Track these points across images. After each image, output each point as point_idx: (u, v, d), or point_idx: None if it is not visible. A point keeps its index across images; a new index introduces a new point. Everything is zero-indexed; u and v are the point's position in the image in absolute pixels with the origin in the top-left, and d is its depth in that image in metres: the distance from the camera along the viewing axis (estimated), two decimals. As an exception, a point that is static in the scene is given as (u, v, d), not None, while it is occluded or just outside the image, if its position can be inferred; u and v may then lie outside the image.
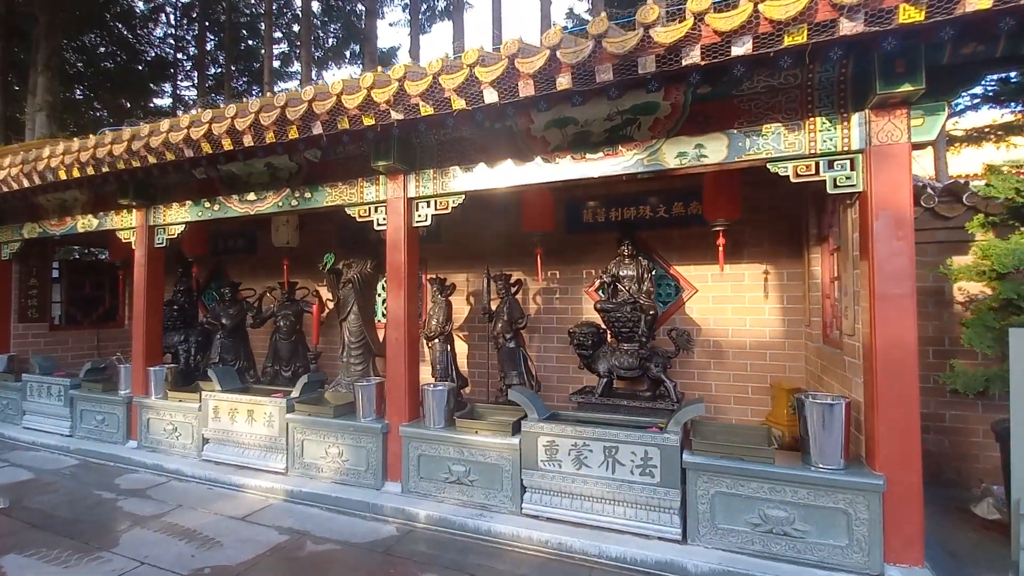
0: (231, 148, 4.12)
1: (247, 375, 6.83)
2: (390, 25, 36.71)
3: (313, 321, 6.26)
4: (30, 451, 5.70)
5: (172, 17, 14.14)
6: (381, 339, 6.02)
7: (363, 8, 14.15)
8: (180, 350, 7.13)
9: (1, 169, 5.26)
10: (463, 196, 4.07)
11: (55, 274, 7.64)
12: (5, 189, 5.38)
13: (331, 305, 6.76)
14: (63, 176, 4.81)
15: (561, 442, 3.52)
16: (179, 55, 14.64)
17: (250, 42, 14.39)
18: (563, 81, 3.00)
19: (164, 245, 5.53)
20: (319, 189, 4.58)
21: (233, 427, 4.79)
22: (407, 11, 16.10)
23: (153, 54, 14.33)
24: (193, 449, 5.01)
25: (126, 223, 5.68)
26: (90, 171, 4.77)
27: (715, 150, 3.35)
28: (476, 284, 6.34)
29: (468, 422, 3.90)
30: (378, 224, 4.36)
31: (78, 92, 12.97)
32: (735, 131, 3.33)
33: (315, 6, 13.99)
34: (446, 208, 4.13)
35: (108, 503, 4.25)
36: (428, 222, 4.21)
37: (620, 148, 3.59)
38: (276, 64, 14.49)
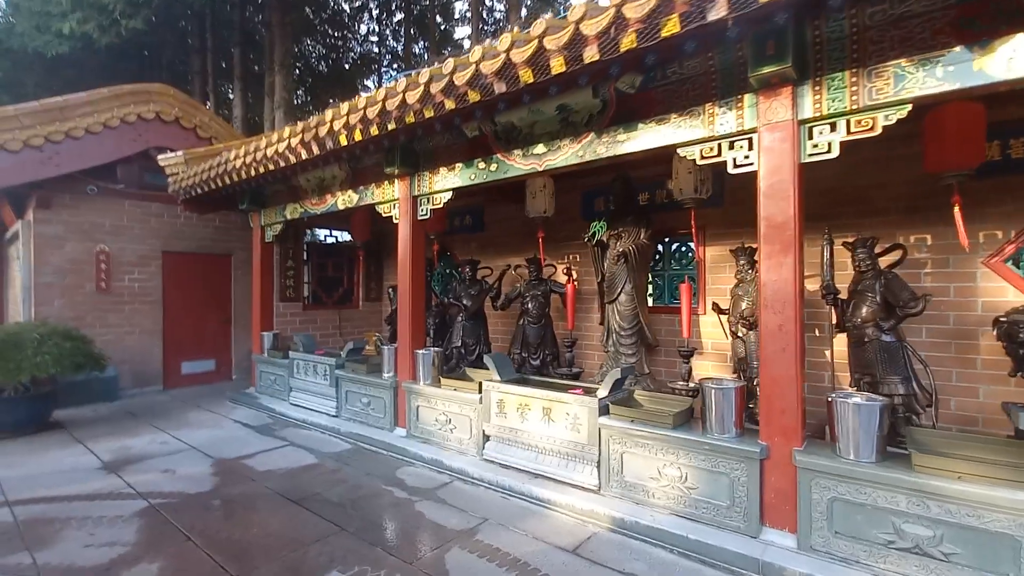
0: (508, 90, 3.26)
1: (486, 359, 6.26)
2: None
3: (568, 303, 5.33)
4: (302, 429, 5.69)
5: (374, 13, 14.91)
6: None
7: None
8: (418, 332, 6.83)
9: (271, 145, 5.16)
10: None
11: (304, 256, 7.93)
12: (273, 167, 5.31)
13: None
14: (343, 141, 4.43)
15: None
16: (381, 48, 15.42)
17: (442, 26, 14.61)
18: None
19: (427, 217, 5.00)
20: (637, 128, 3.49)
21: (523, 426, 4.01)
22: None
23: (359, 51, 15.27)
24: (471, 446, 4.38)
25: (387, 195, 5.29)
26: (357, 135, 4.31)
27: None
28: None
29: (930, 459, 2.49)
30: (736, 165, 3.12)
31: (298, 95, 14.27)
32: None
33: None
34: (870, 129, 2.72)
35: (405, 506, 3.71)
36: (832, 153, 2.84)
37: None
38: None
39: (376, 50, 15.27)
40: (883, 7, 2.60)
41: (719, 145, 3.17)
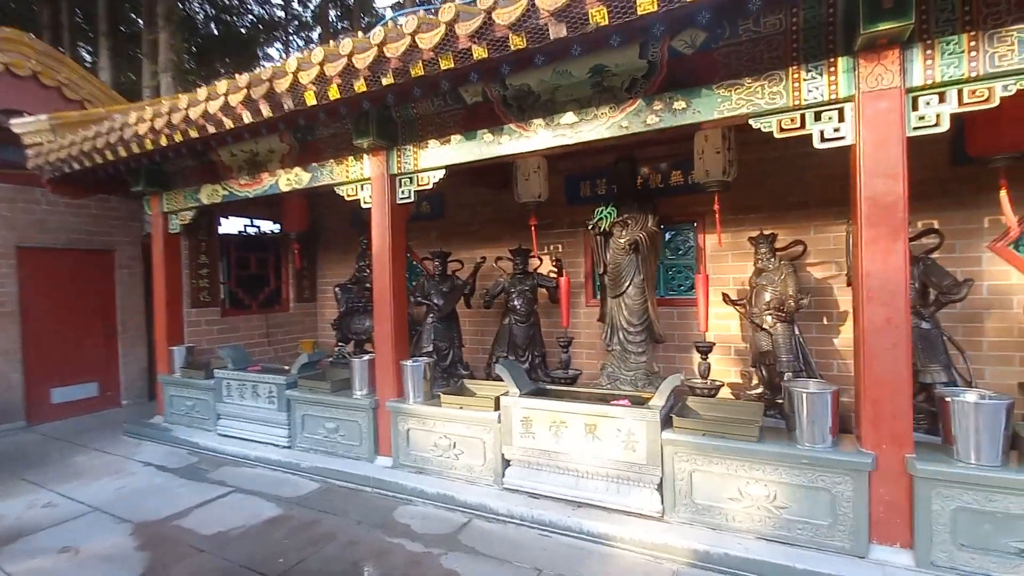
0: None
1: (459, 366, 5.53)
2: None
3: (562, 298, 4.79)
4: (243, 467, 4.55)
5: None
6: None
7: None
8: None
9: (195, 105, 3.95)
10: None
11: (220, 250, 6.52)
12: (197, 134, 4.08)
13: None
14: (310, 100, 3.42)
15: None
16: (286, 13, 13.47)
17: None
18: None
19: (411, 200, 4.14)
20: (701, 94, 3.00)
21: (558, 447, 3.39)
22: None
23: (258, 13, 13.25)
24: (487, 474, 3.67)
25: (353, 174, 4.31)
26: (333, 93, 3.35)
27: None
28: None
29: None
30: (823, 138, 2.75)
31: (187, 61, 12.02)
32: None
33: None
34: (985, 100, 2.47)
35: (428, 564, 2.93)
36: (942, 127, 2.55)
37: None
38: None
39: (280, 14, 13.37)
40: (1006, -37, 2.35)
41: (803, 116, 2.79)
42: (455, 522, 3.41)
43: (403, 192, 4.14)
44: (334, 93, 3.33)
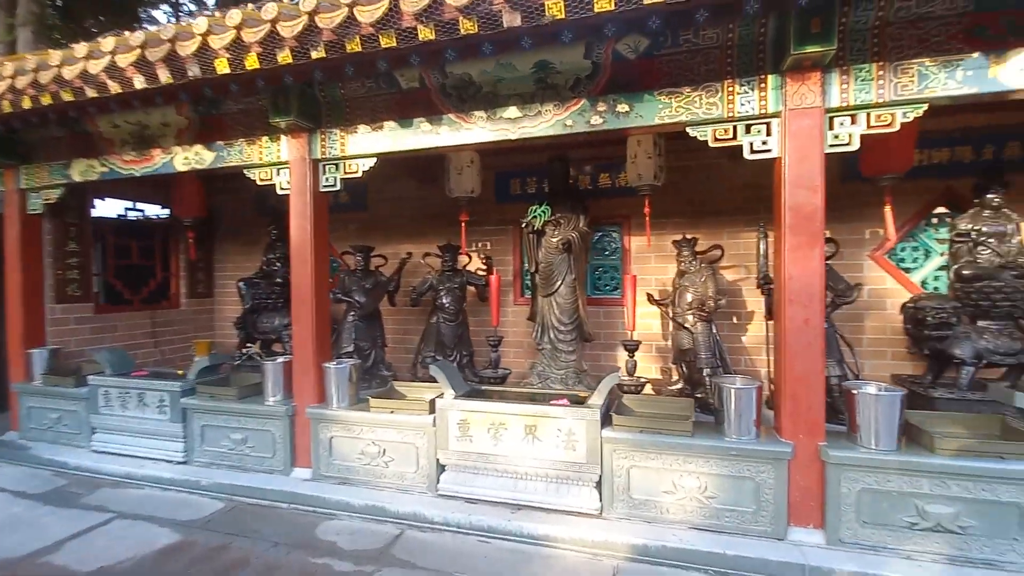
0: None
1: (382, 367, 5.25)
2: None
3: (492, 296, 4.73)
4: (128, 488, 3.94)
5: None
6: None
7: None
8: (285, 336, 5.40)
9: (71, 64, 3.32)
10: None
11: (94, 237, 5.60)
12: (72, 97, 3.43)
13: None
14: (221, 68, 3.00)
15: None
16: None
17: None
18: None
19: (336, 188, 3.82)
20: (643, 99, 3.06)
21: (496, 449, 3.30)
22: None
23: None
24: (419, 481, 3.48)
25: (268, 156, 3.89)
26: (252, 63, 2.98)
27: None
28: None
29: (950, 441, 2.64)
30: (752, 150, 2.92)
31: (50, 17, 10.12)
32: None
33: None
34: (888, 125, 2.76)
35: (362, 582, 2.71)
36: (852, 146, 2.81)
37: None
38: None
39: None
40: (907, 3, 2.64)
41: (735, 127, 2.95)
42: (387, 535, 3.20)
43: (327, 179, 3.81)
44: (252, 63, 2.96)
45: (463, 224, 4.60)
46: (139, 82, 3.21)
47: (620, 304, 5.30)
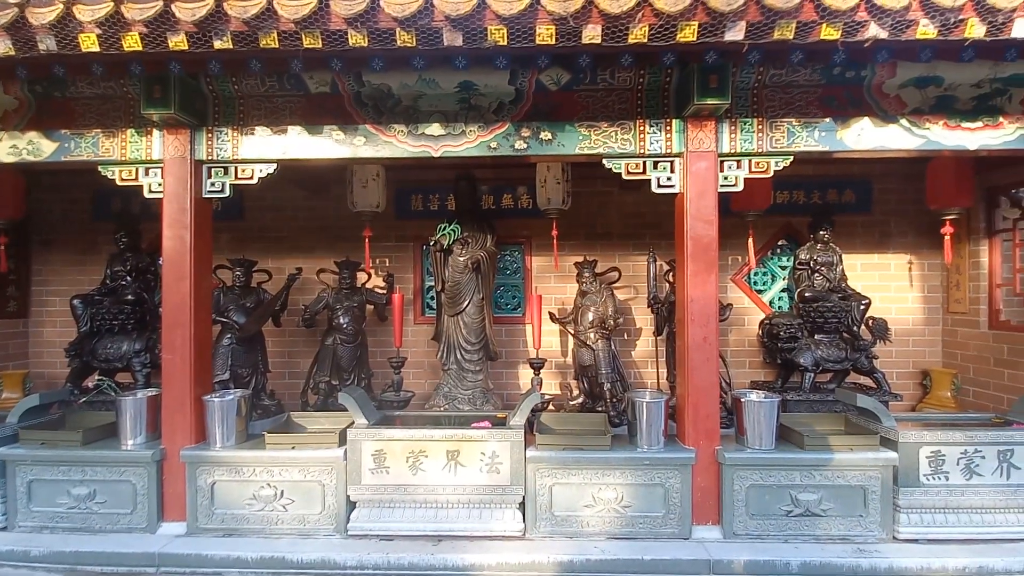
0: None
1: (263, 393, 4.70)
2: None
3: (395, 315, 4.56)
4: (-95, 574, 2.96)
5: None
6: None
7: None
8: (136, 364, 4.58)
9: None
10: None
11: None
12: None
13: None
14: (88, 46, 2.47)
15: None
16: None
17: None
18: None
19: (225, 195, 3.36)
20: (565, 129, 3.21)
21: (415, 479, 3.12)
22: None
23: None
24: (327, 522, 3.15)
25: (135, 153, 3.29)
26: (132, 43, 2.51)
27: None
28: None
29: (820, 439, 3.13)
30: (659, 184, 3.23)
31: None
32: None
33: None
34: (765, 171, 3.24)
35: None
36: (738, 187, 3.25)
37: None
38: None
39: None
40: (779, 71, 3.16)
41: (645, 163, 3.24)
42: (291, 588, 2.83)
43: (213, 184, 3.35)
44: (132, 44, 2.49)
45: (367, 240, 4.35)
46: (-22, 48, 2.51)
47: (521, 322, 5.42)
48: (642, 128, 3.20)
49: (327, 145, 3.27)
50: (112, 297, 4.70)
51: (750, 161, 3.23)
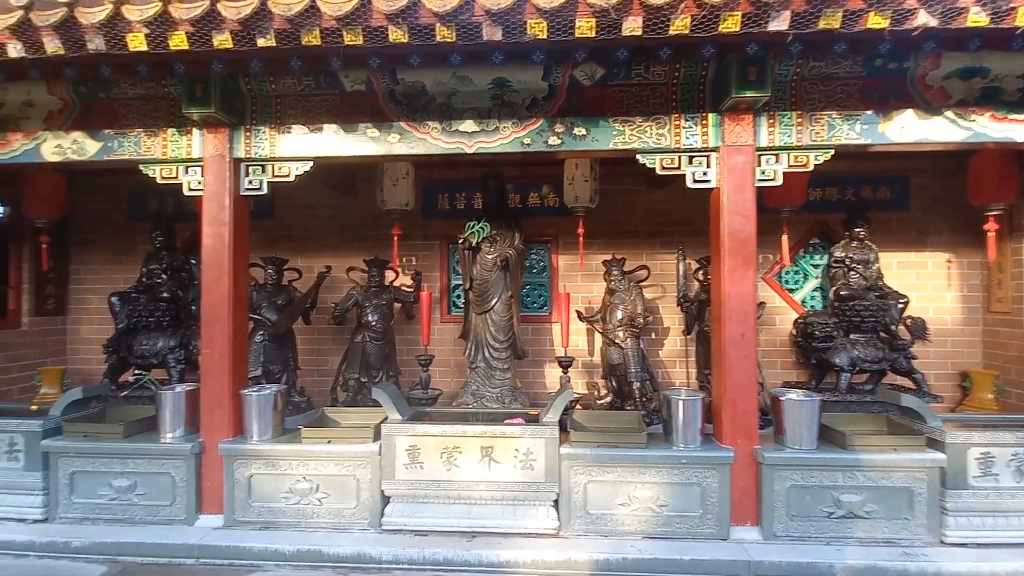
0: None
1: (294, 390, 4.75)
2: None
3: (423, 314, 4.57)
4: (-44, 561, 3.05)
5: None
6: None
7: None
8: (171, 360, 4.66)
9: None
10: None
11: None
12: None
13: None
14: (136, 45, 2.53)
15: None
16: None
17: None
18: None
19: (261, 192, 3.41)
20: (599, 124, 3.19)
21: (450, 475, 3.12)
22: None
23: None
24: (360, 516, 3.16)
25: (175, 151, 3.36)
26: (178, 42, 2.57)
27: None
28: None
29: (863, 439, 3.05)
30: (694, 180, 3.19)
31: None
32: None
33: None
34: (804, 165, 3.18)
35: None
36: (777, 181, 3.19)
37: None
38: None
39: None
40: (819, 64, 3.10)
41: (680, 158, 3.20)
42: (328, 582, 2.85)
43: (251, 182, 3.40)
44: (179, 43, 2.54)
45: (395, 238, 4.39)
46: (14, 50, 2.59)
47: (548, 321, 5.40)
48: (677, 123, 3.17)
49: (362, 143, 3.30)
50: (148, 295, 4.80)
51: (789, 155, 3.17)
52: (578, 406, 4.65)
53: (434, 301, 5.40)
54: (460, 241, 4.50)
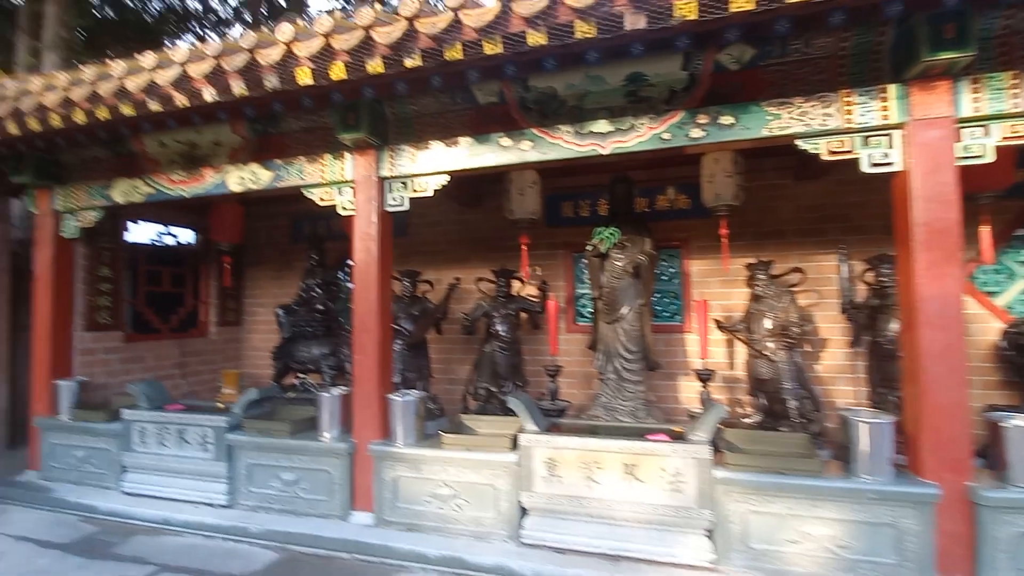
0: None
1: (429, 399, 4.92)
2: None
3: (550, 323, 4.49)
4: (165, 536, 3.56)
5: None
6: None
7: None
8: (324, 367, 5.10)
9: (134, 74, 3.14)
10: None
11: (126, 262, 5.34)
12: (132, 112, 3.23)
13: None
14: (303, 79, 2.82)
15: None
16: (201, 5, 11.94)
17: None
18: None
19: (403, 208, 3.61)
20: (750, 110, 2.89)
21: (590, 492, 2.98)
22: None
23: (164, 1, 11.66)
24: (498, 527, 3.14)
25: (331, 174, 3.68)
26: (338, 73, 2.79)
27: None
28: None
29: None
30: (872, 163, 2.73)
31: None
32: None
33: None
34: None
35: (460, 650, 2.35)
36: (987, 158, 2.63)
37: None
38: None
39: (197, 5, 11.81)
40: (1042, 9, 2.50)
41: (852, 140, 2.77)
42: (471, 590, 2.85)
43: (394, 198, 3.60)
44: (338, 73, 2.77)
45: (524, 247, 4.38)
46: (208, 95, 3.02)
47: (680, 331, 5.04)
48: (848, 99, 2.75)
49: (495, 152, 3.34)
50: (305, 307, 5.35)
51: (1002, 126, 2.58)
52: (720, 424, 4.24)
53: (560, 310, 5.34)
54: (589, 248, 4.37)
